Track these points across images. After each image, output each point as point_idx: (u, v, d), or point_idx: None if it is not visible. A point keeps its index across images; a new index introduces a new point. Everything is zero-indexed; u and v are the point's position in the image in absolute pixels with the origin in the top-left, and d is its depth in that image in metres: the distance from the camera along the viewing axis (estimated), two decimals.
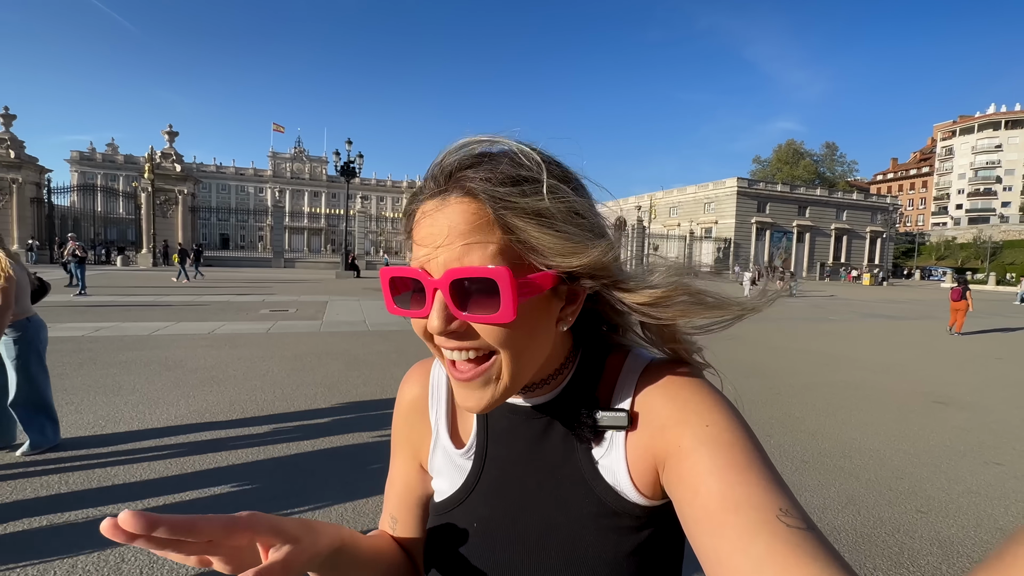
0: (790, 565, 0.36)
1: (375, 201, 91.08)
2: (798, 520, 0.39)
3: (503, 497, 0.56)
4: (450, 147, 0.47)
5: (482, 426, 0.59)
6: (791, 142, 71.60)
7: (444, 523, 0.59)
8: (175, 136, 29.95)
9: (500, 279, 0.42)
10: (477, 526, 0.56)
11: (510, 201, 0.43)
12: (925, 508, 3.11)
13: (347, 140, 24.75)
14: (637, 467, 0.50)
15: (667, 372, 0.52)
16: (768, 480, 0.42)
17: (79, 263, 12.67)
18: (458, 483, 0.59)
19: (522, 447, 0.56)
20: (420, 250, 0.46)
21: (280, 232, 31.49)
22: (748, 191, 48.39)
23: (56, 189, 28.94)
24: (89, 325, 8.23)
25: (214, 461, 3.37)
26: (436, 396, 0.64)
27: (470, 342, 0.46)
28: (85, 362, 5.77)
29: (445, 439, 0.61)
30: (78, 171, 74.75)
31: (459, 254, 0.43)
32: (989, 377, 7.11)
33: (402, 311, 0.49)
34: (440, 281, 0.44)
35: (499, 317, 0.43)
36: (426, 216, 0.46)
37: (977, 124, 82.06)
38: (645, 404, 0.51)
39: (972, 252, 64.99)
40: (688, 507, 0.43)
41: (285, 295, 14.68)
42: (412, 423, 0.65)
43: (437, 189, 0.46)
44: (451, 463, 0.60)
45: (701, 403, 0.48)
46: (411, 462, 0.66)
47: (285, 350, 7.02)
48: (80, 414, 4.13)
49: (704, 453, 0.44)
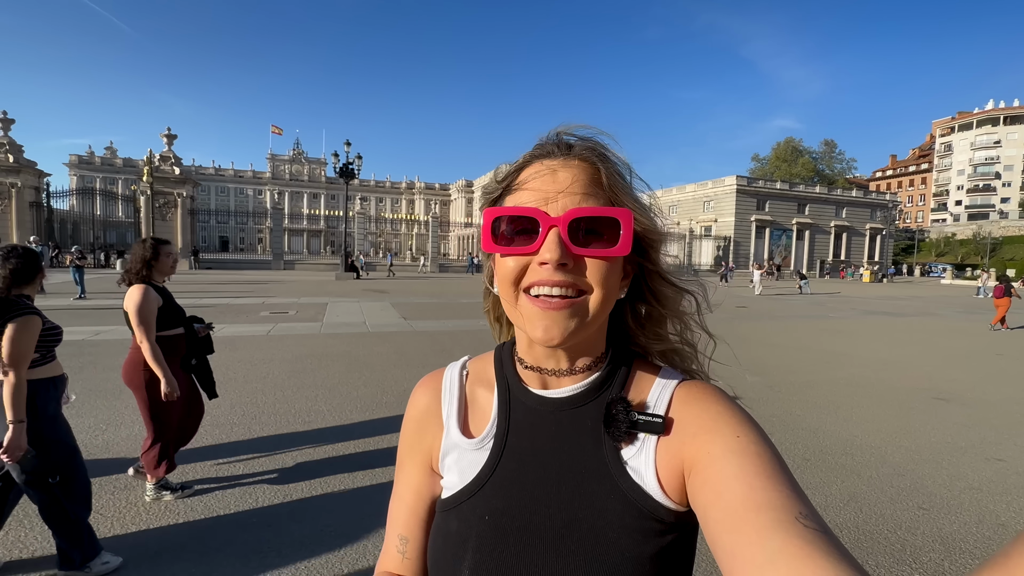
0: (803, 557, 0.37)
1: (374, 202, 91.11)
2: (816, 524, 0.40)
3: (521, 488, 0.55)
4: (561, 127, 0.57)
5: (503, 417, 0.59)
6: (790, 140, 71.51)
7: (450, 520, 0.58)
8: (173, 139, 29.91)
9: (623, 218, 0.51)
10: (489, 519, 0.55)
11: (615, 171, 0.54)
12: (927, 505, 3.11)
13: (346, 141, 24.61)
14: (665, 472, 0.51)
15: (702, 388, 0.56)
16: (790, 488, 0.44)
17: (77, 269, 13.54)
18: (470, 476, 0.58)
19: (545, 439, 0.56)
20: (534, 195, 0.53)
21: (279, 234, 31.47)
22: (747, 189, 48.36)
23: (55, 193, 28.90)
24: (89, 329, 8.23)
25: (215, 463, 3.37)
26: (449, 394, 0.64)
27: (571, 278, 0.51)
28: (86, 366, 5.78)
29: (455, 432, 0.61)
30: (77, 175, 74.71)
31: (579, 200, 0.52)
32: (989, 373, 7.11)
33: (503, 248, 0.53)
34: (560, 219, 0.50)
35: (617, 250, 0.51)
36: (544, 171, 0.54)
37: (976, 120, 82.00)
38: (680, 413, 0.54)
39: (972, 248, 64.88)
40: (711, 508, 0.45)
41: (285, 297, 14.68)
42: (423, 427, 0.64)
43: (560, 152, 0.55)
44: (462, 457, 0.60)
45: (732, 417, 0.51)
46: (422, 468, 0.64)
47: (285, 352, 7.02)
48: (81, 418, 4.13)
49: (732, 460, 0.46)
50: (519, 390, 0.59)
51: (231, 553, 2.40)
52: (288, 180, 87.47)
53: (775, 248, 49.32)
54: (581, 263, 0.51)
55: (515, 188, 0.55)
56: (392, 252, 36.62)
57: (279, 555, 2.39)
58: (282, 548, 2.45)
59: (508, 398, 0.60)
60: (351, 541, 2.52)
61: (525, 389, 0.59)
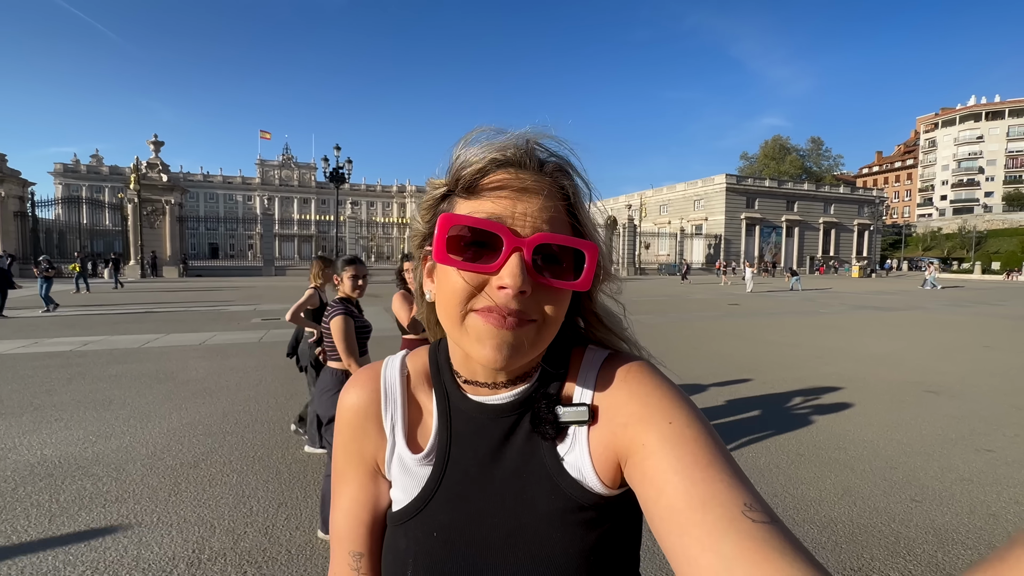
0: (759, 561, 0.37)
1: (365, 206, 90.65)
2: (762, 514, 0.40)
3: (466, 501, 0.54)
4: (531, 131, 0.52)
5: (443, 428, 0.56)
6: (777, 138, 72.29)
7: (399, 536, 0.56)
8: (160, 146, 29.61)
9: (589, 251, 0.49)
10: (437, 535, 0.54)
11: (580, 199, 0.52)
12: (919, 497, 3.15)
13: (335, 146, 24.55)
14: (601, 461, 0.50)
15: (626, 366, 0.53)
16: (731, 476, 0.43)
17: (46, 280, 12.72)
18: (414, 492, 0.56)
19: (486, 448, 0.55)
20: (498, 207, 0.48)
21: (270, 240, 31.24)
22: (736, 187, 48.80)
23: (40, 202, 28.49)
24: (77, 339, 8.12)
25: (209, 474, 3.33)
26: (390, 399, 0.59)
27: (527, 307, 0.48)
28: (74, 377, 5.68)
29: (402, 445, 0.57)
30: (62, 183, 73.70)
31: (547, 226, 0.49)
32: (977, 365, 7.21)
33: (458, 262, 0.48)
34: (527, 241, 0.47)
35: (579, 284, 0.49)
36: (515, 180, 0.49)
37: (958, 116, 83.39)
38: (606, 399, 0.52)
39: (957, 242, 65.93)
40: (654, 506, 0.44)
41: (277, 303, 14.56)
42: (362, 433, 0.59)
43: (530, 164, 0.50)
44: (407, 471, 0.57)
45: (662, 399, 0.49)
46: (366, 477, 0.59)
47: (278, 359, 6.94)
48: (70, 430, 4.06)
49: (668, 451, 0.45)
50: (457, 397, 0.57)
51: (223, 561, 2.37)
52: (278, 185, 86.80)
53: (765, 245, 49.78)
54: (539, 291, 0.48)
55: (476, 190, 0.50)
56: (384, 256, 36.39)
57: (274, 561, 2.37)
58: (278, 555, 2.42)
59: (448, 407, 0.57)
60: None
61: (463, 396, 0.56)
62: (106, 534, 2.60)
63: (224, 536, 2.60)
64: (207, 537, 2.59)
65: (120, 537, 2.57)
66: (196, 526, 2.69)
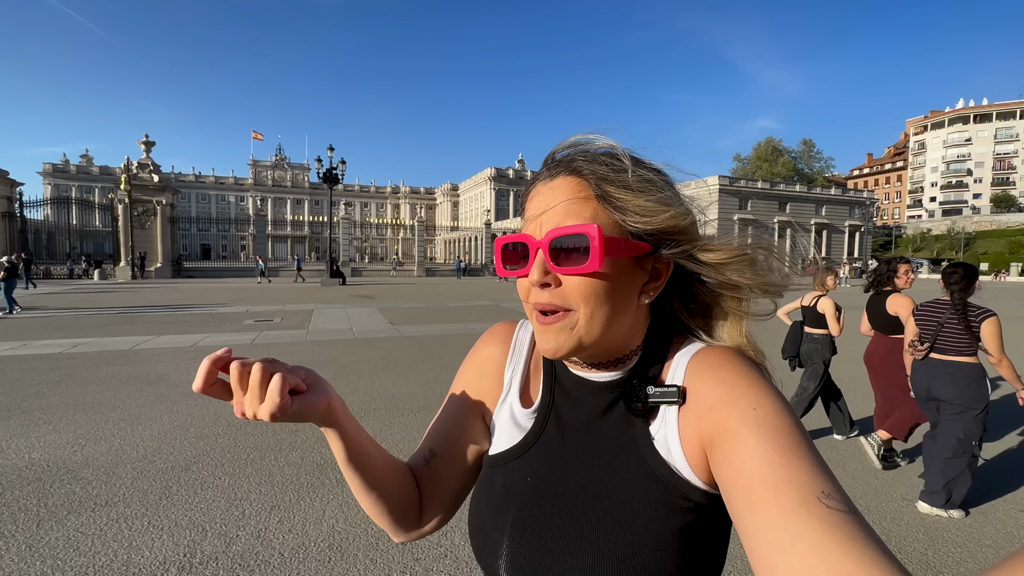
0: (826, 542, 0.36)
1: (359, 207, 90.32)
2: (840, 503, 0.40)
3: (560, 457, 0.59)
4: (561, 143, 0.57)
5: (548, 390, 0.64)
6: (770, 140, 72.81)
7: (496, 475, 0.63)
8: (152, 146, 29.31)
9: (589, 232, 0.50)
10: (530, 481, 0.60)
11: (605, 175, 0.52)
12: (910, 495, 3.18)
13: (329, 147, 24.51)
14: (689, 445, 0.52)
15: (718, 354, 0.56)
16: (811, 464, 0.43)
17: (5, 282, 11.69)
18: (517, 438, 0.63)
19: (584, 417, 0.60)
20: (529, 223, 0.56)
21: (263, 240, 31.03)
22: (729, 189, 49.14)
23: (29, 203, 28.15)
24: (66, 341, 8.02)
25: (201, 477, 3.30)
26: (516, 356, 0.68)
27: (559, 298, 0.53)
28: (63, 379, 5.61)
29: (515, 397, 0.66)
30: (51, 183, 72.96)
31: (560, 218, 0.52)
32: None
33: (510, 272, 0.58)
34: (542, 241, 0.52)
35: (587, 268, 0.50)
36: (538, 194, 0.56)
37: (947, 119, 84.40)
38: (695, 383, 0.54)
39: (947, 243, 66.68)
40: (732, 487, 0.45)
41: (270, 304, 14.48)
42: (485, 374, 0.69)
43: (549, 172, 0.56)
44: (513, 420, 0.64)
45: (749, 387, 0.50)
46: (472, 411, 0.69)
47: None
48: (59, 433, 4.02)
49: (749, 435, 0.46)
50: (562, 369, 0.64)
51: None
52: (271, 186, 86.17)
53: None
54: (569, 282, 0.52)
55: (526, 209, 0.58)
56: (379, 257, 36.26)
57: (267, 564, 2.35)
58: (271, 558, 2.41)
59: (554, 376, 0.65)
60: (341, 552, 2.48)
61: (567, 370, 0.63)
62: (95, 538, 2.56)
63: (216, 539, 2.58)
64: (199, 541, 2.57)
65: (110, 541, 2.54)
66: (188, 529, 2.66)
